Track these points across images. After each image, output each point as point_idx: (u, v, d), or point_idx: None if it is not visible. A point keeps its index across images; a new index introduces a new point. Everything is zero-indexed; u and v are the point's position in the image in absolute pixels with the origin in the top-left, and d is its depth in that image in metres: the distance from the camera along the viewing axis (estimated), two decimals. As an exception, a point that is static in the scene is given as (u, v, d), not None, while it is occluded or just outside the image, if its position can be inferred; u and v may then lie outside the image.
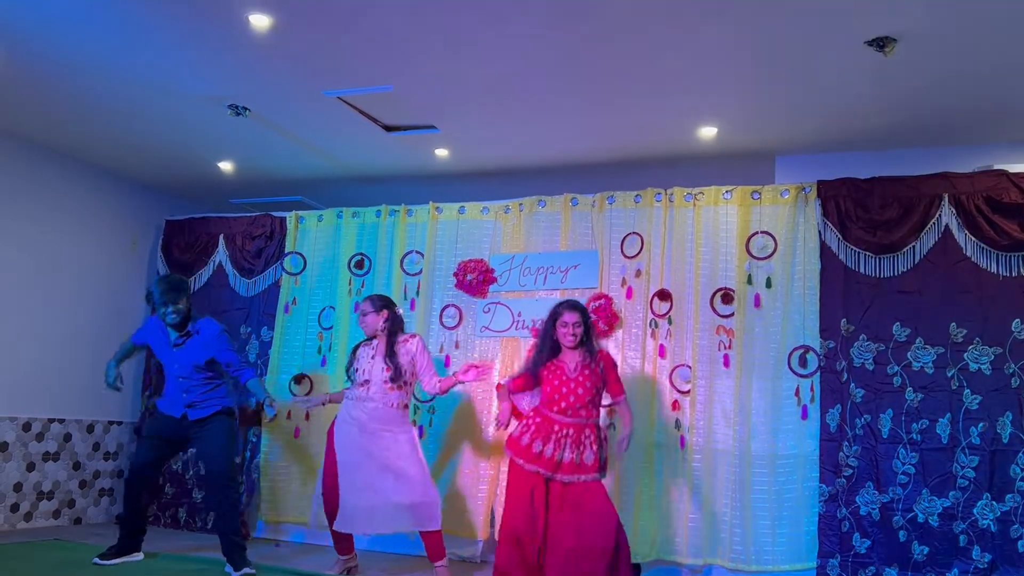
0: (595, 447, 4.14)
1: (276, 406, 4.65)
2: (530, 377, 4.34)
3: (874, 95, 4.52)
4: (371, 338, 4.67)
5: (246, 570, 4.32)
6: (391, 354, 4.53)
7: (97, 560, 4.45)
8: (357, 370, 4.57)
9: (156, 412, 4.67)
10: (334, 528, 4.50)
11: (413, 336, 4.66)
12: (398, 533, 4.66)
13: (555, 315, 4.31)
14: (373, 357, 4.57)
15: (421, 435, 5.15)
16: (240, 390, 4.86)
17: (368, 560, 4.88)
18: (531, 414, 4.27)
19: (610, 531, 3.97)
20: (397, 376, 4.49)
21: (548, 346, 4.30)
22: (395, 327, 4.64)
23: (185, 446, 4.73)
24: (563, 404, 4.15)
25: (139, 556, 4.62)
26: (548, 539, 4.05)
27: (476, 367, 4.51)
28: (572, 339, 4.23)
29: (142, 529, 4.65)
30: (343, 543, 4.61)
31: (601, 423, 4.32)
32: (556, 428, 4.13)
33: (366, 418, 4.47)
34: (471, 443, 5.30)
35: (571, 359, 4.26)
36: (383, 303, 4.68)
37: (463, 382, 4.57)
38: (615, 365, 4.41)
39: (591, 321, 4.39)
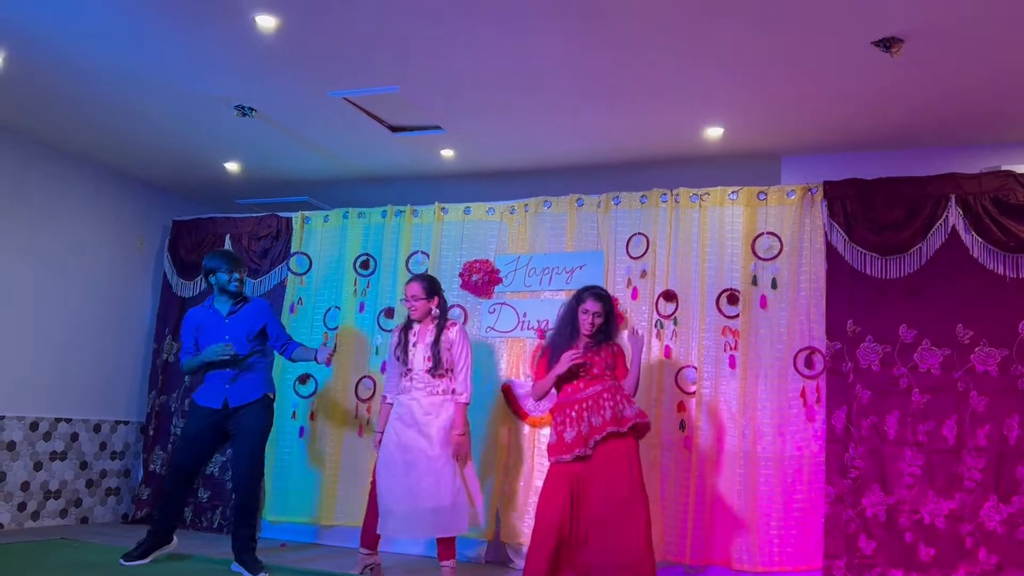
0: (619, 403, 4.06)
1: (327, 351, 4.55)
2: (549, 358, 4.24)
3: (881, 96, 4.51)
4: (413, 321, 4.54)
5: (238, 567, 4.34)
6: (435, 342, 4.43)
7: (122, 562, 4.42)
8: (400, 358, 4.48)
9: (194, 406, 4.60)
10: (377, 531, 4.38)
11: (455, 323, 4.54)
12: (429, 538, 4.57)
13: (579, 299, 4.22)
14: (415, 344, 4.47)
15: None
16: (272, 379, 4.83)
17: (385, 559, 4.88)
18: (556, 410, 4.17)
19: (635, 483, 3.94)
20: (437, 366, 4.40)
21: (569, 330, 4.20)
22: (444, 313, 4.55)
23: (225, 440, 4.63)
24: (580, 384, 4.09)
25: (171, 546, 4.59)
26: (583, 510, 3.99)
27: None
28: (590, 327, 4.16)
29: (174, 525, 4.65)
30: (370, 539, 4.52)
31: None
32: (579, 404, 4.06)
33: (411, 412, 4.38)
34: (476, 443, 5.30)
35: (589, 344, 4.18)
36: (434, 289, 4.54)
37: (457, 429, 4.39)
38: (624, 351, 4.29)
39: (615, 314, 4.29)
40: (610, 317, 4.23)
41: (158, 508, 4.71)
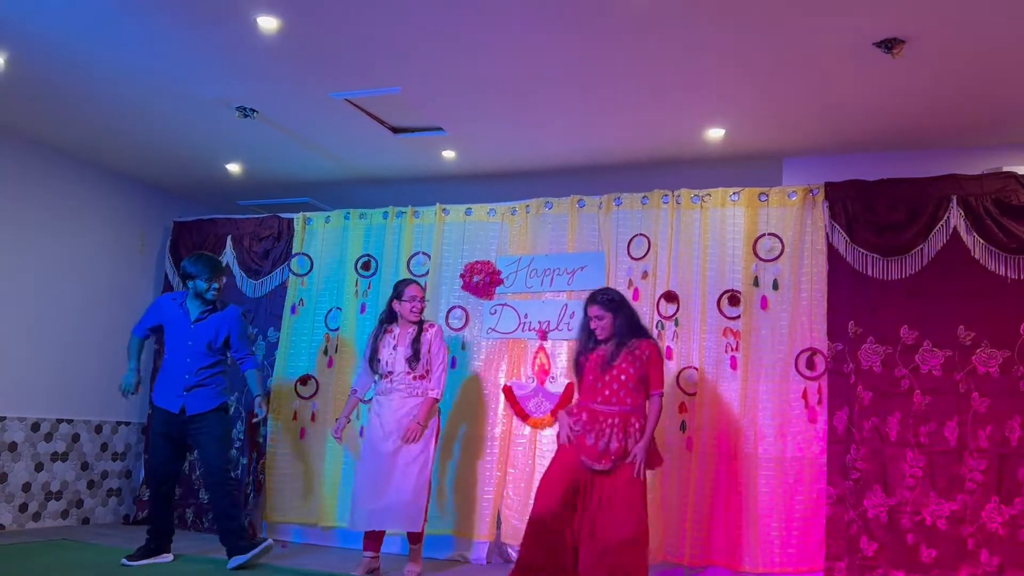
0: (632, 435, 4.05)
1: (265, 409, 4.76)
2: (577, 373, 4.29)
3: (882, 97, 4.51)
4: (387, 323, 4.71)
5: (241, 559, 4.40)
6: (416, 341, 4.61)
7: (125, 561, 4.47)
8: (380, 361, 4.64)
9: (154, 407, 4.70)
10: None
11: (433, 325, 4.76)
12: (388, 531, 4.69)
13: (585, 309, 4.28)
14: (395, 347, 4.63)
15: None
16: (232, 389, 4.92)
17: (388, 562, 4.87)
18: (576, 409, 4.19)
19: (635, 523, 3.93)
20: (417, 366, 4.58)
21: (585, 337, 4.25)
22: (422, 316, 4.78)
23: (186, 442, 4.72)
24: (606, 392, 4.08)
25: (168, 557, 4.66)
26: (585, 531, 3.97)
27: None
28: (601, 332, 4.19)
29: (170, 530, 4.70)
30: (371, 541, 4.61)
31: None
32: (601, 419, 4.05)
33: (390, 412, 4.56)
34: (478, 444, 5.30)
35: (610, 347, 4.18)
36: (424, 293, 4.79)
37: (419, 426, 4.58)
38: (660, 359, 4.24)
39: (630, 311, 4.27)
40: (619, 312, 4.19)
41: (150, 512, 4.78)
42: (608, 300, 4.23)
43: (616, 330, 4.18)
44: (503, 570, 5.00)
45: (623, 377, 4.10)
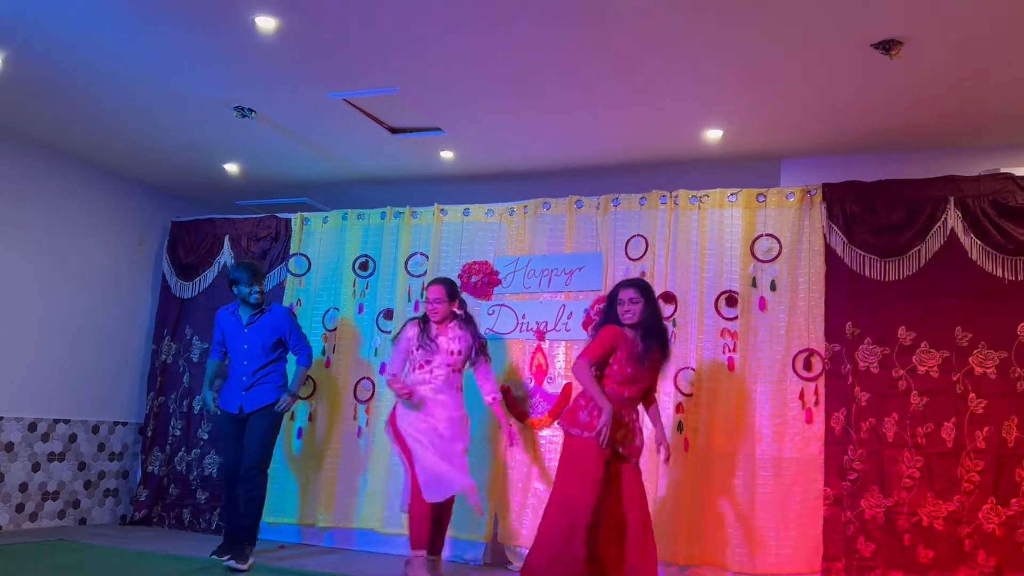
0: (640, 430, 4.17)
1: (286, 404, 4.87)
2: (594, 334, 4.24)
3: (880, 98, 4.51)
4: (437, 320, 4.58)
5: (231, 563, 4.44)
6: (471, 338, 4.63)
7: (233, 563, 4.51)
8: (438, 352, 4.54)
9: (220, 411, 4.90)
10: (430, 500, 4.33)
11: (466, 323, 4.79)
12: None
13: (613, 296, 4.18)
14: (442, 340, 4.61)
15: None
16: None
17: (396, 565, 4.88)
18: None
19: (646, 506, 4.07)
20: (466, 362, 4.63)
21: (614, 319, 4.13)
22: (467, 313, 4.76)
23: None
24: (632, 390, 4.09)
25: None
26: (618, 516, 4.02)
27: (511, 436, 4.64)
28: (631, 316, 4.07)
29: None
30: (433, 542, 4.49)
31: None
32: (622, 412, 4.06)
33: (445, 407, 4.49)
34: (476, 445, 5.29)
35: (638, 338, 4.07)
36: (455, 292, 4.67)
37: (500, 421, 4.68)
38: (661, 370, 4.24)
39: (657, 305, 4.21)
40: (651, 301, 4.12)
41: (222, 509, 5.08)
42: (645, 285, 4.19)
43: (644, 319, 4.08)
44: (500, 571, 5.01)
45: (643, 385, 4.16)
